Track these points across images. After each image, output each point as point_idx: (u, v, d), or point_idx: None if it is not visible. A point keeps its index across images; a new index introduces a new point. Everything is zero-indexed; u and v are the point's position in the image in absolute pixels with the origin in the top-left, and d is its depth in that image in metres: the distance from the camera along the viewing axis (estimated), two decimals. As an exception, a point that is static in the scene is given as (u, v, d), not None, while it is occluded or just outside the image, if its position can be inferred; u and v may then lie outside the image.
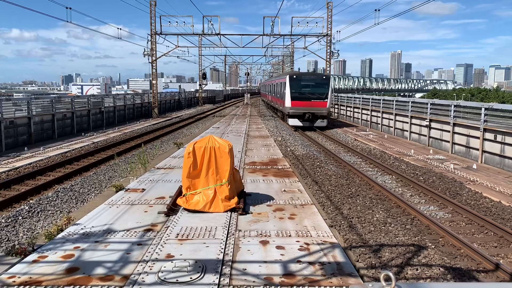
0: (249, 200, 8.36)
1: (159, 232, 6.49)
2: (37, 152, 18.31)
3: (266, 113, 43.84)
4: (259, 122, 29.76)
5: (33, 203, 10.76)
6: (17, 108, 21.84)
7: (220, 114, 43.51)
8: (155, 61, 39.42)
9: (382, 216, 9.87)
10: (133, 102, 39.05)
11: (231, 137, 19.76)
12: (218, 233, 6.45)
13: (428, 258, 7.48)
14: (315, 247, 5.88)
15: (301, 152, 18.83)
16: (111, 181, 13.17)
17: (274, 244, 6.02)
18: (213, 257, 5.51)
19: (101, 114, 31.48)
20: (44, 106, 24.33)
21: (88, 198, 11.59)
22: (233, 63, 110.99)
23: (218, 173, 7.73)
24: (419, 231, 8.89)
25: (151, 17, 38.12)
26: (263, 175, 11.01)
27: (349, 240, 8.33)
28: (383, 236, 8.59)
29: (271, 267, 5.21)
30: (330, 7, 38.25)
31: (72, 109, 26.87)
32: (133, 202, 8.27)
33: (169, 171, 11.51)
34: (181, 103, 57.71)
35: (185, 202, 7.66)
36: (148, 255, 5.56)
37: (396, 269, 6.95)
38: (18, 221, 9.52)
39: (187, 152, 7.76)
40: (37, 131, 22.90)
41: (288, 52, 72.27)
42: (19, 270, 5.09)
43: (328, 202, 11.08)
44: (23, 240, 8.24)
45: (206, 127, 28.57)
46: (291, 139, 23.19)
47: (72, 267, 5.16)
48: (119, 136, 24.78)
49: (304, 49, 42.60)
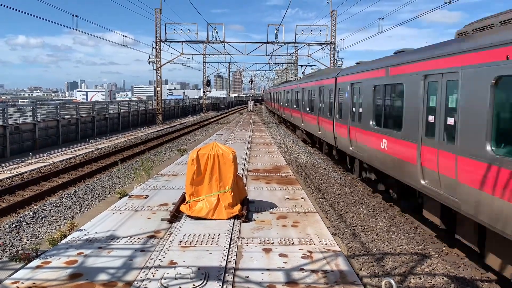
0: (252, 207, 8.36)
1: (162, 239, 6.50)
2: (42, 158, 18.40)
3: (269, 121, 43.88)
4: (262, 130, 29.80)
5: (37, 209, 10.80)
6: (22, 114, 22.01)
7: (224, 121, 43.61)
8: (159, 68, 39.66)
9: (386, 224, 9.83)
10: (137, 109, 39.24)
11: (235, 144, 19.79)
12: (221, 241, 6.45)
13: (431, 267, 7.44)
14: (318, 255, 5.88)
15: (304, 159, 18.82)
16: (115, 188, 13.21)
17: (277, 251, 6.01)
18: (216, 264, 5.51)
19: (106, 121, 31.64)
20: (49, 112, 24.50)
21: (92, 204, 11.62)
22: (237, 71, 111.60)
23: (221, 180, 7.75)
24: (422, 240, 8.85)
25: (156, 25, 38.43)
26: (266, 182, 11.01)
27: (352, 249, 8.29)
28: (386, 244, 8.55)
29: (274, 275, 5.21)
30: (334, 16, 38.44)
31: (76, 115, 27.02)
32: (137, 208, 8.29)
33: (172, 177, 11.54)
34: (185, 110, 57.92)
35: (188, 209, 7.67)
36: (151, 261, 5.57)
37: (399, 278, 6.91)
38: (22, 227, 9.56)
39: (191, 159, 7.79)
40: (42, 137, 23.03)
41: (292, 59, 72.54)
42: (22, 275, 5.12)
43: (331, 210, 11.06)
44: (27, 245, 8.27)
45: (210, 134, 28.63)
46: (294, 146, 23.19)
47: (75, 273, 5.17)
48: (123, 142, 24.87)
49: (308, 56, 42.81)
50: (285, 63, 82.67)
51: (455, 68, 6.86)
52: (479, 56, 6.16)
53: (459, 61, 6.72)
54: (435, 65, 7.64)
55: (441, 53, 7.48)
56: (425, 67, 8.10)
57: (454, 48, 7.00)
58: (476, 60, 6.25)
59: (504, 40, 5.57)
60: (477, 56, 6.21)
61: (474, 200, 6.22)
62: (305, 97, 23.22)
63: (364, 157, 11.99)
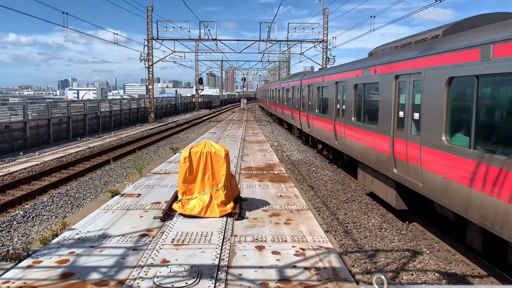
0: (245, 205, 8.36)
1: (155, 237, 6.48)
2: (33, 157, 18.25)
3: (262, 118, 43.88)
4: (255, 127, 29.79)
5: (28, 208, 10.71)
6: (12, 113, 21.80)
7: (217, 119, 43.53)
8: (151, 66, 39.48)
9: (378, 221, 9.89)
10: (129, 107, 39.02)
11: (228, 142, 19.77)
12: (214, 238, 6.45)
13: (423, 263, 7.50)
14: (310, 252, 5.89)
15: (297, 157, 18.86)
16: (107, 186, 13.14)
17: (270, 249, 6.02)
18: (208, 262, 5.51)
19: (97, 119, 31.43)
20: (40, 111, 24.28)
21: (84, 203, 11.55)
22: (230, 69, 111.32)
23: (214, 178, 7.74)
24: (414, 236, 8.91)
25: (147, 23, 38.23)
26: (259, 180, 11.02)
27: (345, 245, 8.34)
28: (378, 241, 8.61)
29: (267, 272, 5.21)
30: (326, 13, 38.51)
31: (68, 114, 26.82)
32: (129, 207, 8.25)
33: (165, 176, 11.50)
34: (178, 108, 57.73)
35: (181, 207, 7.65)
36: (143, 260, 5.55)
37: (391, 274, 6.96)
38: (13, 226, 9.47)
39: (183, 157, 7.77)
40: (33, 135, 22.83)
41: (284, 57, 72.57)
42: (13, 275, 5.07)
43: (324, 207, 11.10)
44: (17, 245, 8.20)
45: (202, 132, 28.57)
46: (287, 144, 23.22)
47: (67, 272, 5.14)
48: (115, 141, 24.73)
49: (301, 54, 42.85)
50: (278, 61, 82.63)
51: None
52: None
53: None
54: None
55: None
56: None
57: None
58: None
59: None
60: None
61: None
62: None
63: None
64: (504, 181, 5.50)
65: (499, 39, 5.64)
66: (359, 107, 12.00)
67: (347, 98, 12.94)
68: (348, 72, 13.01)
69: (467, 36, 6.69)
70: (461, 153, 6.49)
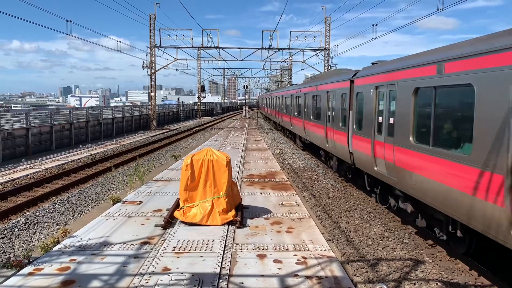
0: (246, 213, 8.34)
1: (156, 245, 6.46)
2: (35, 164, 18.27)
3: (264, 126, 43.91)
4: (257, 135, 29.81)
5: (29, 215, 10.70)
6: (15, 120, 21.88)
7: (218, 126, 43.58)
8: (154, 74, 39.63)
9: (380, 230, 9.84)
10: (131, 114, 39.12)
11: (229, 149, 19.78)
12: (215, 246, 6.43)
13: (425, 272, 7.44)
14: (312, 261, 5.87)
15: (299, 165, 18.83)
16: (108, 193, 13.13)
17: (271, 257, 6.00)
18: (210, 270, 5.49)
19: (99, 126, 31.51)
20: (42, 118, 24.36)
21: (85, 210, 11.54)
22: (232, 76, 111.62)
23: (215, 186, 7.73)
24: (416, 245, 8.86)
25: (150, 30, 38.44)
26: (260, 188, 11.00)
27: (347, 254, 8.29)
28: (380, 250, 8.56)
29: (268, 281, 5.19)
30: (328, 22, 38.68)
31: (70, 121, 26.89)
32: (130, 214, 8.24)
33: (166, 183, 11.49)
34: (180, 116, 57.82)
35: (182, 215, 7.64)
36: (144, 268, 5.54)
37: (393, 284, 6.91)
38: (14, 233, 9.46)
39: (185, 164, 7.77)
40: (35, 142, 22.88)
41: (286, 65, 72.77)
42: (14, 282, 5.06)
43: (325, 215, 11.06)
44: (19, 252, 8.18)
45: (204, 139, 28.59)
46: (289, 152, 23.20)
47: (67, 280, 5.13)
48: (117, 148, 24.77)
49: (302, 62, 43.01)
50: (280, 69, 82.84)
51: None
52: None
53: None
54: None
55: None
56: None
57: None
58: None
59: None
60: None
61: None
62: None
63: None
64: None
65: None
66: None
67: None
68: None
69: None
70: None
